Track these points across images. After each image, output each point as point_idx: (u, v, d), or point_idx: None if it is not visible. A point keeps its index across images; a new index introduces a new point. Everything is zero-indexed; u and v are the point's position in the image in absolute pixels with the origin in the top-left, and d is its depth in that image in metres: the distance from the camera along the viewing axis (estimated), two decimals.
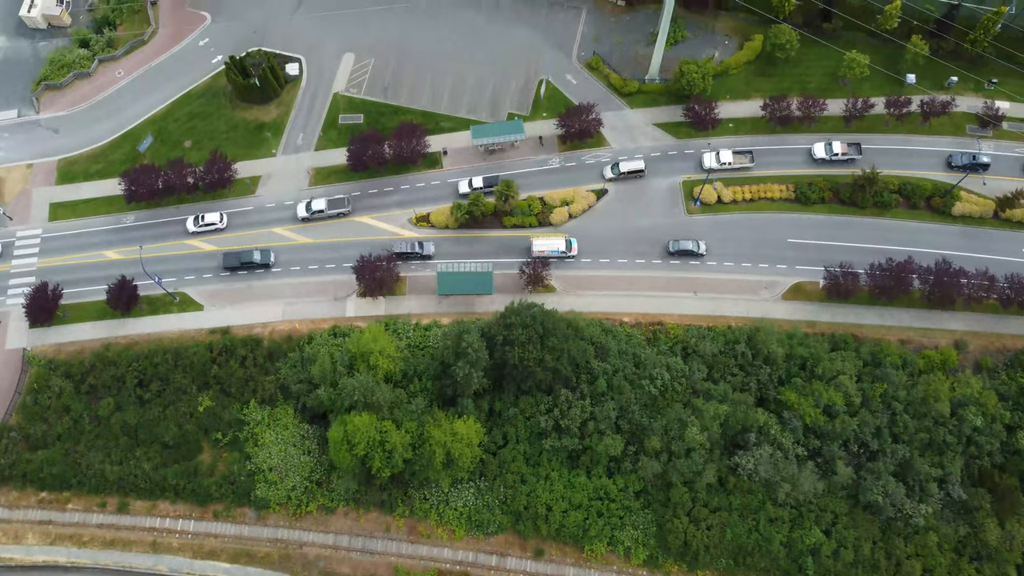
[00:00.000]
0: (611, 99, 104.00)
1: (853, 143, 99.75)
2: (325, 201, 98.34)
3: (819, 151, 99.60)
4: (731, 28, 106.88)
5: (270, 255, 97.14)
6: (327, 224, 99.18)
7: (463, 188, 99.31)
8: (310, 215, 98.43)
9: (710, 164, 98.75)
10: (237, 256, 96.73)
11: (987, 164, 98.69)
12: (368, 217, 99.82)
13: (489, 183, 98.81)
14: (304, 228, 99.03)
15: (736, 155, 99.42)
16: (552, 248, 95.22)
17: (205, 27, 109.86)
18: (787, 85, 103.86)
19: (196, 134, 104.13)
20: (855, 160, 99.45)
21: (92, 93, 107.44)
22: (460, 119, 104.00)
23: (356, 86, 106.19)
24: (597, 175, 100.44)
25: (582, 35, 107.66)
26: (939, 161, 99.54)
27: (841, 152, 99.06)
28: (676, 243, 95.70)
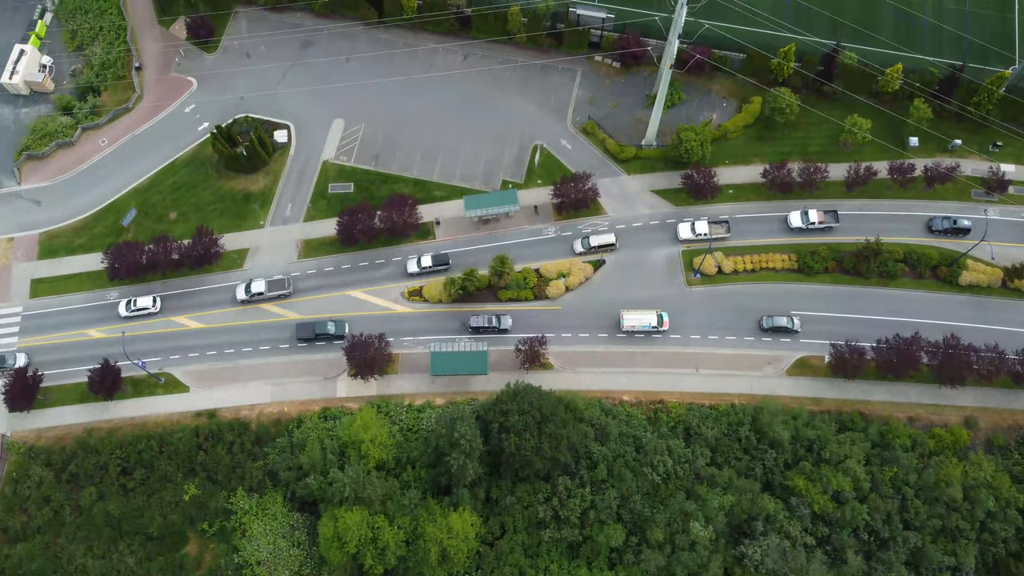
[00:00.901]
0: (607, 165, 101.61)
1: (830, 211, 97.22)
2: (264, 283, 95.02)
3: (795, 220, 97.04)
4: (728, 90, 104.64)
5: (344, 326, 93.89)
6: (318, 299, 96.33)
7: (411, 268, 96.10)
8: (249, 297, 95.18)
9: (686, 236, 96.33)
10: (311, 327, 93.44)
11: (968, 229, 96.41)
12: (359, 291, 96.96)
13: (439, 262, 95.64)
14: (292, 304, 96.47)
15: (712, 225, 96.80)
16: (644, 323, 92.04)
17: (191, 93, 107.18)
18: (787, 149, 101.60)
19: (181, 205, 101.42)
20: (832, 228, 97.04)
21: (75, 163, 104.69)
22: (453, 187, 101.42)
23: (346, 153, 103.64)
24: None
25: (577, 98, 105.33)
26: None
27: (818, 220, 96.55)
28: (770, 319, 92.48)
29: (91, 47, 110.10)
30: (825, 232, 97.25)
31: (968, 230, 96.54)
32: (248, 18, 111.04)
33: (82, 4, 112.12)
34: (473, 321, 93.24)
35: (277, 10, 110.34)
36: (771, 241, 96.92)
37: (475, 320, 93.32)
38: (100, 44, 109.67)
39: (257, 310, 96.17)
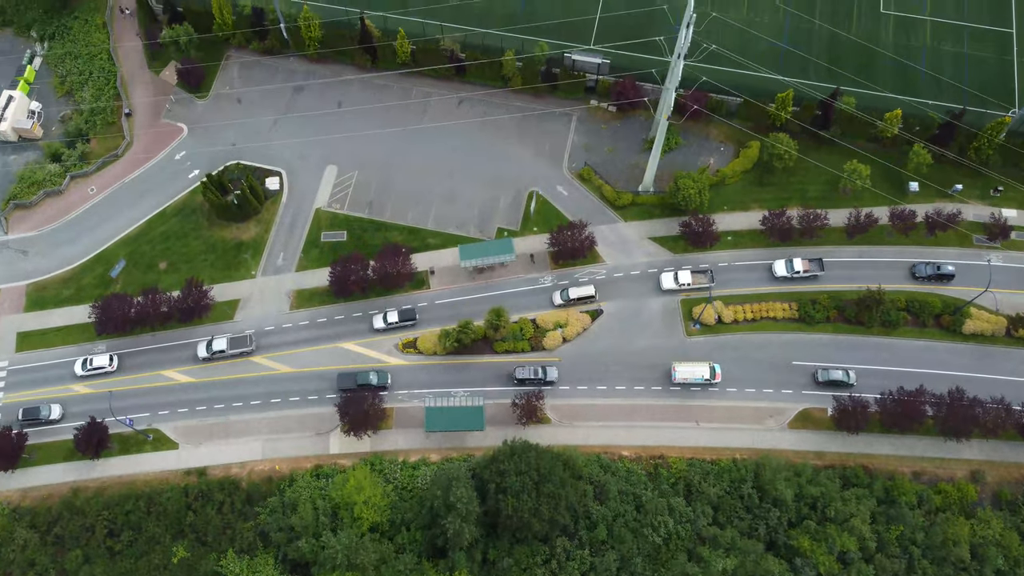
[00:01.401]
0: (604, 211, 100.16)
1: (815, 259, 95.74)
2: (226, 340, 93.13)
3: (780, 269, 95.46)
4: (726, 135, 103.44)
5: (387, 377, 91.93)
6: (311, 352, 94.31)
7: (377, 324, 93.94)
8: (210, 355, 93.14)
9: (669, 286, 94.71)
10: (353, 377, 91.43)
11: (951, 275, 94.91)
12: (352, 343, 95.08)
13: (405, 317, 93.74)
14: (285, 356, 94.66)
15: (695, 275, 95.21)
16: (696, 376, 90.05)
17: (181, 140, 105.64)
18: (786, 195, 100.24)
19: (171, 255, 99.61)
20: (817, 276, 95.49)
21: (63, 212, 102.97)
22: (448, 235, 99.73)
23: (339, 201, 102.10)
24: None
25: (572, 144, 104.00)
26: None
27: (803, 269, 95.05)
28: (825, 372, 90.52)
29: (80, 93, 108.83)
30: (811, 280, 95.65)
31: (952, 276, 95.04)
32: (240, 63, 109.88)
33: (72, 49, 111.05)
34: (519, 373, 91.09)
35: (269, 55, 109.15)
36: (770, 289, 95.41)
37: (520, 372, 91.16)
38: (90, 90, 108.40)
39: (248, 363, 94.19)
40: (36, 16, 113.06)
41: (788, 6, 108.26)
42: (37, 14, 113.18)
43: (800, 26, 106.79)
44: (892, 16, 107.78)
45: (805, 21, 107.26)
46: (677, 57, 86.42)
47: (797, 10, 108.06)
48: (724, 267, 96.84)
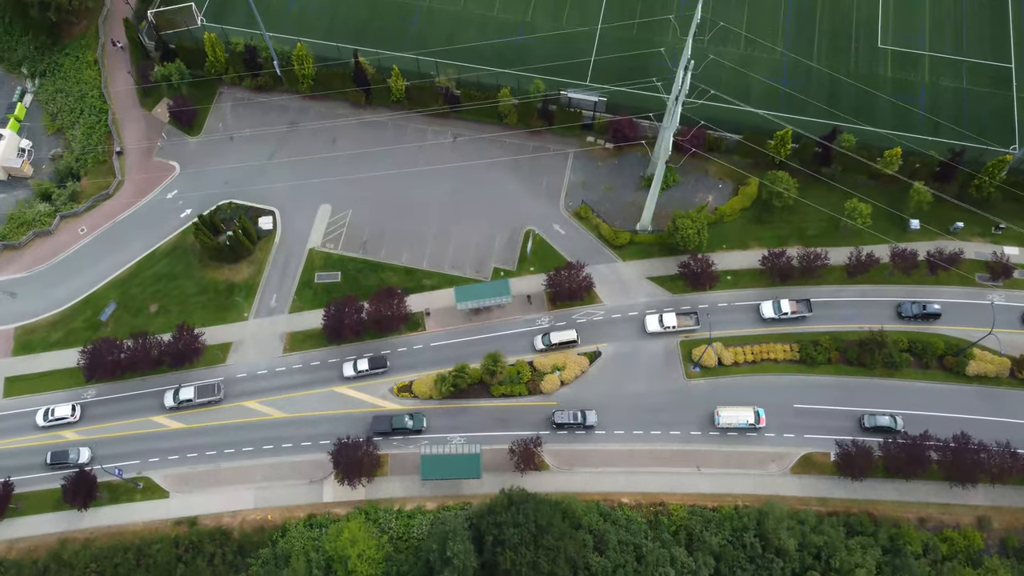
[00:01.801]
0: (602, 251, 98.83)
1: (803, 300, 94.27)
2: (193, 389, 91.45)
3: (767, 310, 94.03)
4: (724, 171, 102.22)
5: (423, 420, 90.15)
6: (304, 396, 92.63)
7: (347, 372, 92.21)
8: (177, 405, 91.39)
9: (654, 329, 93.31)
10: (388, 420, 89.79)
11: (938, 314, 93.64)
12: (346, 387, 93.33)
13: (375, 365, 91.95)
14: (278, 401, 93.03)
15: (680, 317, 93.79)
16: (741, 420, 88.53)
17: (174, 178, 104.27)
18: (786, 233, 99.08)
19: (162, 297, 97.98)
20: (806, 317, 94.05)
21: (53, 252, 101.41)
22: (443, 275, 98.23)
23: (333, 240, 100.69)
24: (590, 336, 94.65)
25: (569, 181, 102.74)
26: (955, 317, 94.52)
27: (791, 311, 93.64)
28: (872, 418, 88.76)
29: (71, 131, 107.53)
30: (799, 322, 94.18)
31: (938, 315, 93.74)
32: (232, 100, 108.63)
33: (63, 87, 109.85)
34: (558, 417, 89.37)
35: (262, 92, 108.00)
36: (770, 331, 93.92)
37: (560, 416, 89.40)
38: (81, 128, 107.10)
39: (240, 408, 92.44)
40: (27, 53, 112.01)
41: (786, 42, 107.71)
42: (28, 51, 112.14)
43: (798, 62, 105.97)
44: (890, 51, 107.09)
45: (803, 57, 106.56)
46: (675, 100, 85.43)
47: (795, 46, 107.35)
48: (723, 307, 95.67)
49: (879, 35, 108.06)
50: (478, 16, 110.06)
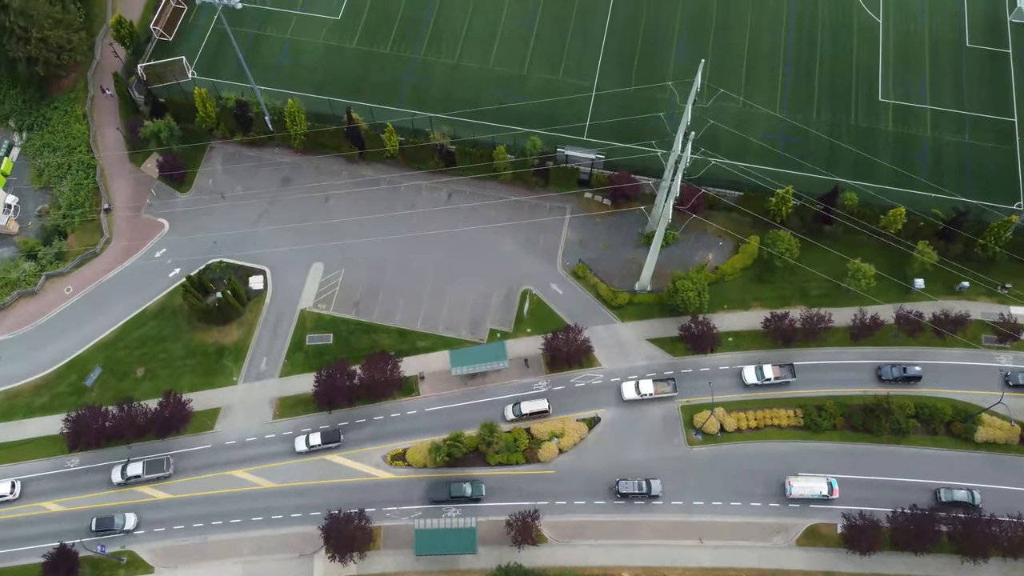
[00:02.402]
0: (600, 311, 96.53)
1: (787, 365, 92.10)
2: (142, 464, 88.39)
3: (749, 376, 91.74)
4: (725, 229, 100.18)
5: (481, 488, 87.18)
6: (295, 465, 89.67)
7: (300, 446, 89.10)
8: (124, 480, 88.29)
9: (630, 396, 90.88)
10: (446, 488, 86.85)
11: (918, 376, 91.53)
12: (337, 455, 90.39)
13: (328, 439, 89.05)
14: (266, 470, 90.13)
15: (657, 383, 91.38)
16: (814, 491, 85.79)
17: (162, 236, 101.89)
18: (788, 293, 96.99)
19: (149, 361, 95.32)
20: (790, 383, 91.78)
21: (38, 313, 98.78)
22: (438, 337, 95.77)
23: (325, 301, 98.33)
24: (588, 400, 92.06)
25: (567, 239, 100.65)
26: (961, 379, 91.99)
27: (774, 376, 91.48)
28: (948, 492, 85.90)
29: (58, 187, 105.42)
30: (782, 387, 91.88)
31: (919, 378, 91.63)
32: (223, 155, 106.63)
33: (50, 141, 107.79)
34: (622, 487, 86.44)
35: (254, 146, 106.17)
36: (771, 395, 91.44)
37: (624, 485, 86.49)
38: (68, 184, 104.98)
39: (228, 478, 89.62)
40: (14, 106, 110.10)
41: (785, 97, 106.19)
42: (15, 104, 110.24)
43: (797, 117, 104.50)
44: (891, 105, 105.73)
45: (802, 112, 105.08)
46: (675, 171, 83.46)
47: (794, 101, 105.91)
48: (725, 370, 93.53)
49: (879, 88, 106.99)
50: (474, 70, 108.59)
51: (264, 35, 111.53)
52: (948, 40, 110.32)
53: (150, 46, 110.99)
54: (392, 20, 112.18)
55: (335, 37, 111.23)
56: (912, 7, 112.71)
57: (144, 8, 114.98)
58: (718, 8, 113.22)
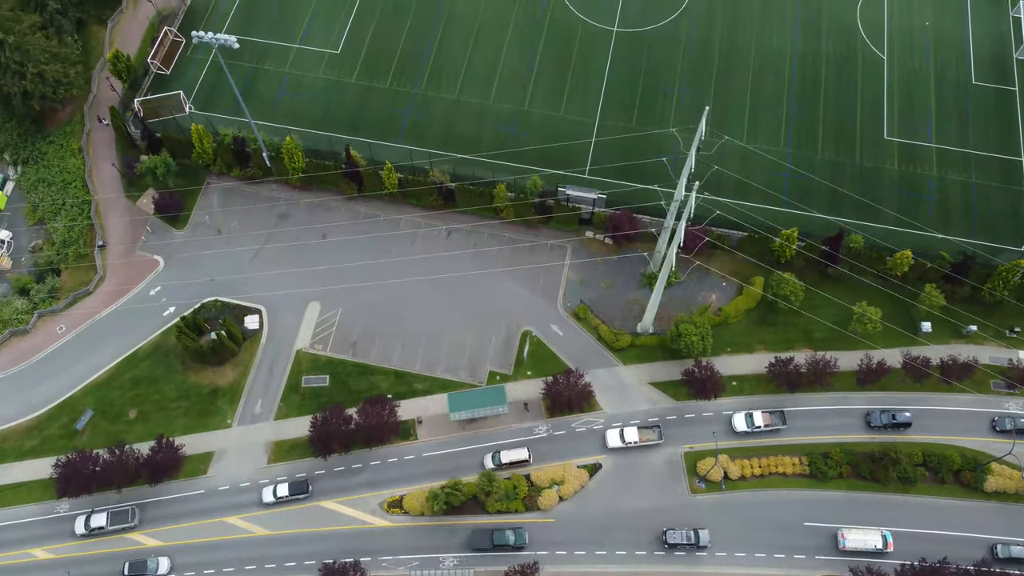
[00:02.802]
0: (602, 354, 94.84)
1: (777, 411, 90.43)
2: (106, 516, 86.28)
3: (739, 423, 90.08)
4: (728, 269, 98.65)
5: (524, 536, 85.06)
6: (290, 512, 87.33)
7: (267, 498, 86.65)
8: (88, 532, 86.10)
9: (615, 444, 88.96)
10: (488, 535, 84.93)
11: (908, 423, 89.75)
12: (333, 502, 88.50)
13: (296, 490, 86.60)
14: (260, 517, 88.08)
15: (642, 431, 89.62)
16: (868, 544, 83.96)
17: (157, 273, 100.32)
18: (793, 336, 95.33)
19: (142, 403, 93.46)
20: (780, 430, 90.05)
21: (29, 353, 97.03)
22: (436, 380, 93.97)
23: (321, 341, 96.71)
24: (589, 445, 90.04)
25: (567, 279, 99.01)
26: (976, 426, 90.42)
27: (764, 424, 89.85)
28: (1006, 548, 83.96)
29: (52, 222, 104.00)
30: (773, 434, 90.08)
31: (908, 424, 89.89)
32: (220, 190, 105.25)
33: (45, 175, 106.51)
34: (670, 537, 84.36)
35: (251, 182, 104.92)
36: (777, 442, 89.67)
37: (672, 536, 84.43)
38: (63, 220, 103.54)
39: (221, 525, 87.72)
40: (10, 140, 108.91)
41: (789, 134, 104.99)
42: (11, 137, 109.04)
43: (802, 155, 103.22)
44: (896, 143, 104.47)
45: (807, 150, 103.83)
46: (677, 217, 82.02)
47: (799, 139, 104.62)
48: (728, 415, 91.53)
49: (884, 126, 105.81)
50: (475, 105, 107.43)
51: (263, 69, 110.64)
52: (954, 77, 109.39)
53: (147, 79, 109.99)
54: (392, 54, 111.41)
55: (335, 71, 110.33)
56: (917, 44, 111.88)
57: (142, 41, 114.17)
58: (721, 46, 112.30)
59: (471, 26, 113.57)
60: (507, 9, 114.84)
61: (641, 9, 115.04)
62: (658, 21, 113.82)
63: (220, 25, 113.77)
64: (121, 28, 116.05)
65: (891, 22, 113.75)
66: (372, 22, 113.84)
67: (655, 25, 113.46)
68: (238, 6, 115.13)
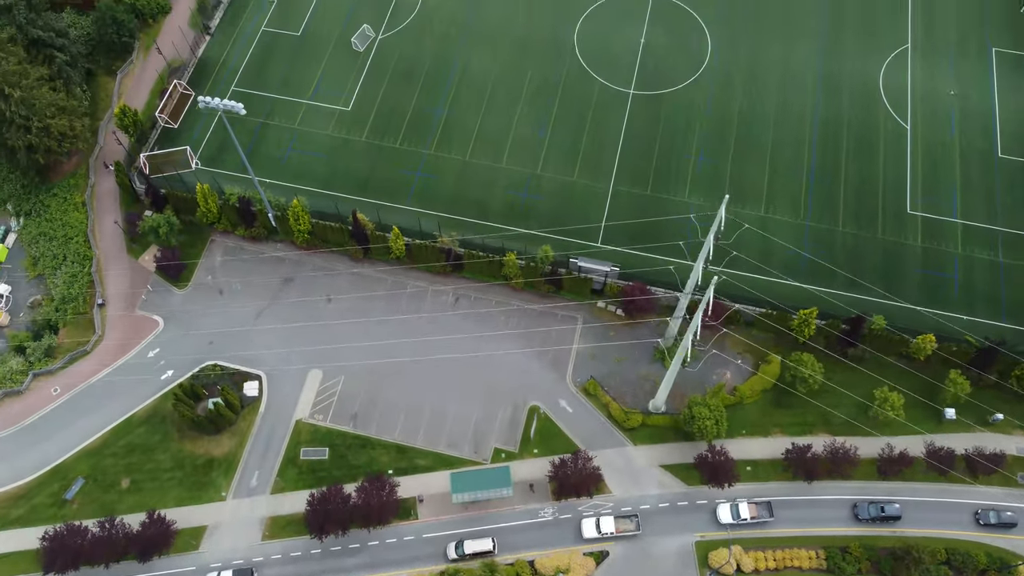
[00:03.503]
0: (612, 433, 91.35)
1: (764, 503, 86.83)
2: None
3: (724, 515, 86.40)
4: (744, 346, 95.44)
5: None
6: None
7: None
8: None
9: (590, 535, 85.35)
10: None
11: (898, 516, 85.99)
12: None
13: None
14: None
15: (619, 520, 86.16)
16: None
17: (156, 335, 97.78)
18: (810, 419, 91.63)
19: (135, 472, 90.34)
20: (767, 522, 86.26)
21: (22, 415, 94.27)
22: (439, 455, 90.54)
23: (322, 411, 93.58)
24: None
25: (577, 352, 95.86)
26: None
27: (750, 516, 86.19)
28: None
29: (52, 278, 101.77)
30: (760, 526, 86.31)
31: (898, 518, 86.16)
32: (224, 249, 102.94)
33: (47, 229, 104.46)
34: None
35: (256, 241, 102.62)
36: (793, 532, 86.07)
37: None
38: (63, 276, 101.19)
39: None
40: (13, 191, 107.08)
41: (808, 206, 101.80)
42: (15, 188, 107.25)
43: (822, 228, 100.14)
44: (920, 218, 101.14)
45: (828, 223, 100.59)
46: (695, 315, 78.53)
47: (819, 211, 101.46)
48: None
49: (908, 200, 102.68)
50: (486, 168, 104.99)
51: (272, 124, 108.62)
52: (979, 150, 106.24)
53: (155, 133, 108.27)
54: (403, 113, 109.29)
55: (344, 129, 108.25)
56: (942, 114, 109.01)
57: (151, 93, 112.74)
58: (739, 113, 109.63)
59: (484, 86, 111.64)
60: (522, 69, 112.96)
61: (659, 71, 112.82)
62: (676, 84, 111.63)
63: (231, 79, 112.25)
64: (131, 79, 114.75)
65: (915, 91, 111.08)
66: (384, 80, 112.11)
67: (673, 88, 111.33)
68: (249, 60, 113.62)
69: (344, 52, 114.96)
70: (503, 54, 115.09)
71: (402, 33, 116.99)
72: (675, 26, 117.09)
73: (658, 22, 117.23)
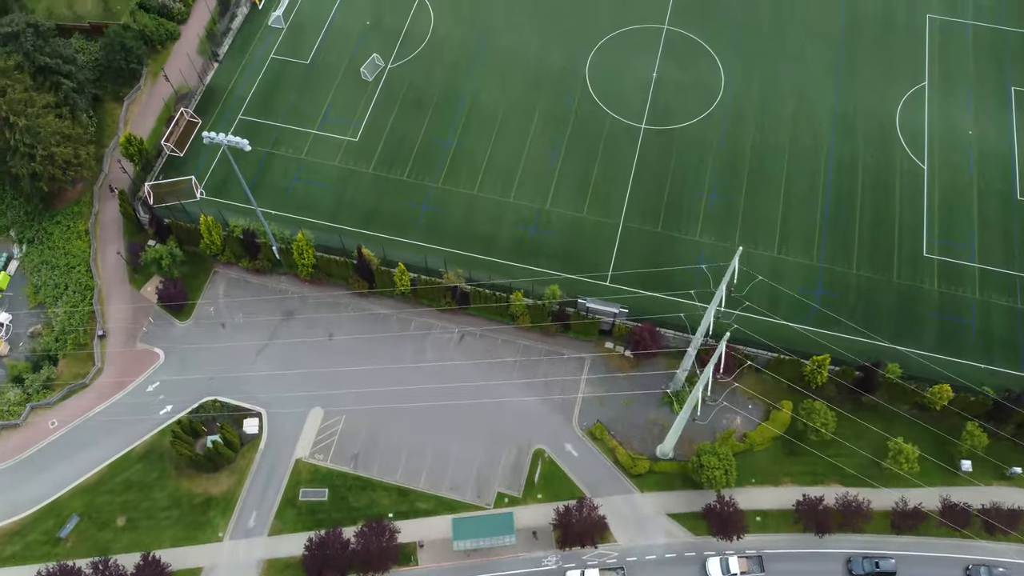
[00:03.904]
0: (618, 479, 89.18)
1: (755, 557, 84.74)
2: None
3: (714, 569, 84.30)
4: (754, 391, 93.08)
5: None
6: None
7: None
8: None
9: None
10: None
11: (892, 573, 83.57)
12: None
13: None
14: None
15: (604, 572, 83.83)
16: None
17: (156, 368, 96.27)
18: (822, 469, 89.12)
19: (131, 509, 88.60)
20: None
21: (18, 448, 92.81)
22: (440, 499, 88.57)
23: (322, 451, 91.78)
24: None
25: (584, 394, 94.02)
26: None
27: (740, 571, 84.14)
28: None
29: (53, 308, 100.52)
30: None
31: (893, 574, 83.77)
32: (227, 280, 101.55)
33: (49, 258, 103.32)
34: None
35: (259, 274, 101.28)
36: None
37: None
38: (64, 306, 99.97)
39: None
40: (16, 217, 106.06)
41: (823, 249, 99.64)
42: (18, 215, 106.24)
43: (836, 271, 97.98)
44: (936, 261, 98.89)
45: (842, 265, 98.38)
46: (703, 372, 76.96)
47: (832, 254, 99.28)
48: (751, 555, 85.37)
49: (924, 243, 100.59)
50: (494, 201, 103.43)
51: (277, 154, 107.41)
52: (997, 191, 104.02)
53: (160, 161, 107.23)
54: (411, 145, 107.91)
55: (351, 160, 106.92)
56: (959, 154, 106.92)
57: (157, 120, 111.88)
58: (753, 148, 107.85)
59: (494, 118, 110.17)
60: (532, 102, 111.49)
61: (671, 106, 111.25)
62: (688, 119, 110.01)
63: (238, 107, 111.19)
64: (137, 105, 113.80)
65: (932, 130, 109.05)
66: (393, 110, 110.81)
67: (685, 123, 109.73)
68: (257, 88, 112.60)
69: (353, 81, 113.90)
70: (513, 86, 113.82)
71: (412, 63, 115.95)
72: (688, 60, 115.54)
73: (671, 55, 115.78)
